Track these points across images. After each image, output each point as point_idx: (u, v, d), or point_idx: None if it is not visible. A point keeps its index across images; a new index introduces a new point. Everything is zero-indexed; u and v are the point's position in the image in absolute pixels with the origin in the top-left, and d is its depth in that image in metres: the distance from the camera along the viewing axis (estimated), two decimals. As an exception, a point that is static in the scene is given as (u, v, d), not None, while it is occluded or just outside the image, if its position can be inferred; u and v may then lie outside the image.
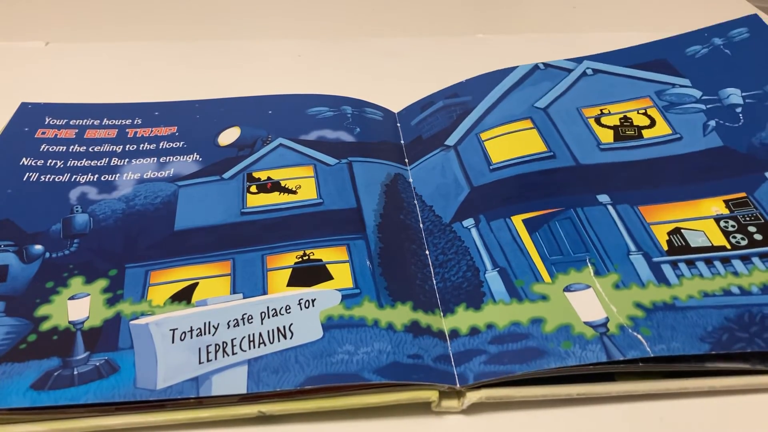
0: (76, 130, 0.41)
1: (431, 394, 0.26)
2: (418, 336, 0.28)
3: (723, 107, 0.38)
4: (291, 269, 0.31)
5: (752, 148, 0.35)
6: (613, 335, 0.27)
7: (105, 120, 0.42)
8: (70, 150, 0.39)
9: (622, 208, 0.33)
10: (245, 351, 0.27)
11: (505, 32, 0.59)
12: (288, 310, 0.29)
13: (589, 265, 0.31)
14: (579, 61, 0.43)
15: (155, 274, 0.31)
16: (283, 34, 0.57)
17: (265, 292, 0.30)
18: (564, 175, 0.35)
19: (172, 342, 0.28)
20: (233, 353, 0.27)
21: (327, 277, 0.31)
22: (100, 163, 0.38)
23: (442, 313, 0.30)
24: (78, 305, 0.30)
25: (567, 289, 0.30)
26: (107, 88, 0.48)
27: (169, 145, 0.40)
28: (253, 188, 0.36)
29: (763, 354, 0.27)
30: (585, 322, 0.28)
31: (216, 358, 0.27)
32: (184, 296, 0.30)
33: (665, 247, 0.31)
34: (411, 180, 0.38)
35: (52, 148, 0.39)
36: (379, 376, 0.26)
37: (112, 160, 0.38)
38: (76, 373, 0.26)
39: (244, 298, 0.30)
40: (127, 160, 0.39)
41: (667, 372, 0.28)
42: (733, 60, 0.40)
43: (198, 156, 0.39)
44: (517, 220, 0.33)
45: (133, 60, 0.52)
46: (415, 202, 0.36)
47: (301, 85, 0.48)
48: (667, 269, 0.30)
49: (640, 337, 0.27)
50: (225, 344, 0.28)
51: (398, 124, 0.43)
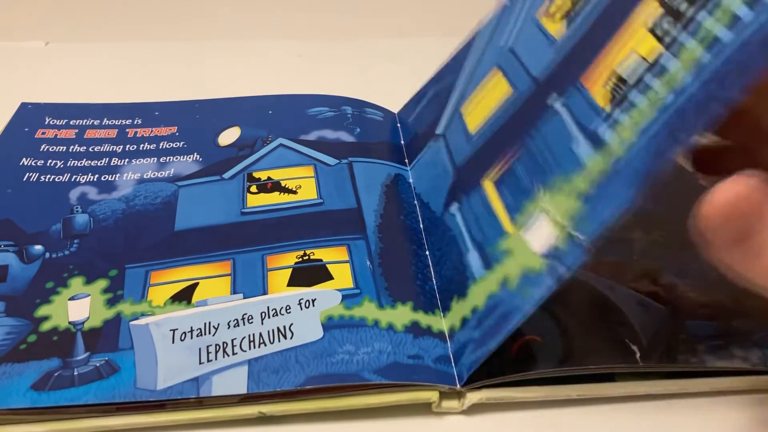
0: (76, 130, 0.41)
1: (431, 395, 0.26)
2: (419, 337, 0.28)
3: None
4: (291, 269, 0.31)
5: None
6: (561, 252, 0.24)
7: (105, 120, 0.42)
8: (70, 150, 0.39)
9: (572, 101, 0.27)
10: (245, 351, 0.27)
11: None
12: (288, 310, 0.29)
13: (540, 188, 0.27)
14: None
15: (155, 275, 0.31)
16: (283, 34, 0.57)
17: (265, 292, 0.30)
18: (524, 107, 0.30)
19: (173, 342, 0.28)
20: (233, 353, 0.27)
21: (327, 277, 0.31)
22: (101, 163, 0.38)
23: (442, 314, 0.30)
24: (78, 305, 0.30)
25: (524, 229, 0.27)
26: (107, 88, 0.48)
27: (169, 145, 0.40)
28: (254, 188, 0.36)
29: (762, 354, 0.28)
30: (541, 255, 0.25)
31: (216, 359, 0.27)
32: (185, 296, 0.30)
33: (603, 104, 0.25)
34: (411, 180, 0.38)
35: (52, 148, 0.39)
36: (379, 377, 0.26)
37: (113, 160, 0.38)
38: (76, 373, 0.26)
39: (245, 298, 0.30)
40: (127, 160, 0.39)
41: (667, 372, 0.28)
42: None
43: (198, 156, 0.39)
44: (487, 183, 0.30)
45: (133, 60, 0.52)
46: (415, 202, 0.36)
47: (301, 85, 0.48)
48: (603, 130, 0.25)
49: (577, 234, 0.24)
50: (225, 344, 0.28)
51: (398, 125, 0.43)
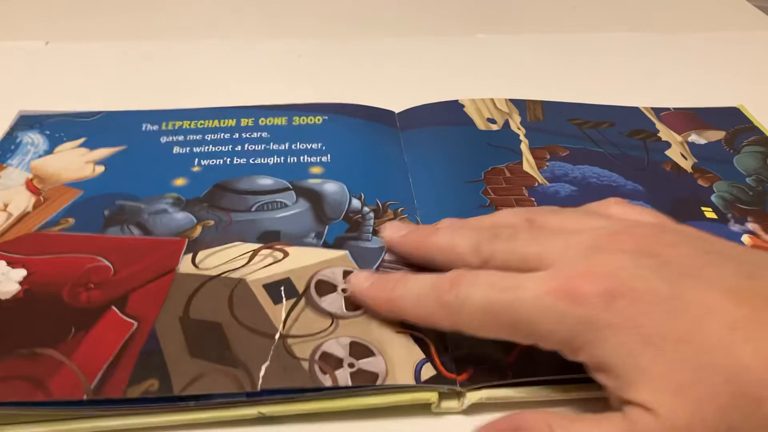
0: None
1: (431, 395, 0.26)
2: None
3: None
4: None
5: None
6: None
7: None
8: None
9: None
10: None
11: (505, 32, 0.59)
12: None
13: None
14: None
15: None
16: (283, 34, 0.57)
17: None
18: None
19: (172, 343, 0.28)
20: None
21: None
22: None
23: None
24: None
25: None
26: (107, 88, 0.48)
27: None
28: None
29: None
30: None
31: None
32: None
33: None
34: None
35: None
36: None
37: None
38: (76, 374, 0.26)
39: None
40: None
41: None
42: None
43: None
44: None
45: (133, 60, 0.52)
46: None
47: (301, 85, 0.48)
48: None
49: None
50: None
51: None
